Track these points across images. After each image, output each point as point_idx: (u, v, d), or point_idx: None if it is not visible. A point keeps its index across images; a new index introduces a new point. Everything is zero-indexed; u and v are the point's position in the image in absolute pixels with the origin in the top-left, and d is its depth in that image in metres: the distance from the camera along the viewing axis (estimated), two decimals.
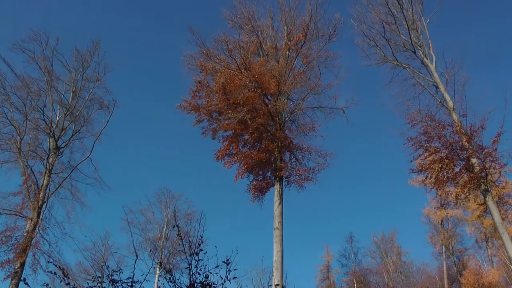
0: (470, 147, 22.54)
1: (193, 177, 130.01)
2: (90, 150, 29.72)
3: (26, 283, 7.57)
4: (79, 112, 30.85)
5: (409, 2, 28.00)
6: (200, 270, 8.85)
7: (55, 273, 8.15)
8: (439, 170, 23.23)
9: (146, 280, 8.71)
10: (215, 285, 8.73)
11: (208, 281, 8.69)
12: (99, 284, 8.57)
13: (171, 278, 8.71)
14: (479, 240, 65.23)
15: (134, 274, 8.53)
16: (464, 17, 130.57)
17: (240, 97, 23.47)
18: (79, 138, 30.84)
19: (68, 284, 8.09)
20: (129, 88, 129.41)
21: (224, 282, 8.77)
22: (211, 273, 8.71)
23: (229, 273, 8.80)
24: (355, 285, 52.36)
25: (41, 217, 26.93)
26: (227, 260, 8.85)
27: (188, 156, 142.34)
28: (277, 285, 9.94)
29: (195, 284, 8.67)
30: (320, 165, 25.60)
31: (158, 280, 38.93)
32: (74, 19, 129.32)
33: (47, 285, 7.65)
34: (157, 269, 38.34)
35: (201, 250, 9.13)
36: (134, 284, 8.53)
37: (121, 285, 8.42)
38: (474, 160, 22.46)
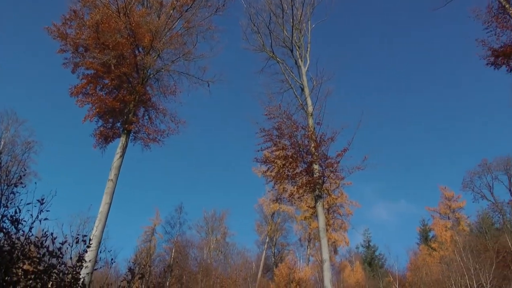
0: (315, 153, 23.44)
1: (45, 107, 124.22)
2: None
3: None
4: None
5: (301, 2, 28.44)
6: (12, 203, 8.45)
7: None
8: (282, 166, 23.92)
9: None
10: (25, 222, 8.37)
11: (17, 217, 8.29)
12: None
13: None
14: (303, 239, 69.30)
15: None
16: (346, 36, 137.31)
17: (111, 40, 22.73)
18: None
19: None
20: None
21: (34, 221, 8.43)
22: (20, 209, 8.34)
23: (40, 213, 8.47)
24: (173, 253, 52.93)
25: None
26: (42, 199, 8.50)
27: (46, 84, 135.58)
28: (87, 240, 9.59)
29: (3, 217, 8.25)
30: (170, 130, 25.99)
31: None
32: None
33: None
34: None
35: (21, 183, 8.72)
36: None
37: None
38: (315, 166, 23.39)
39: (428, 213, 74.60)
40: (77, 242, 9.11)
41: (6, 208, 8.30)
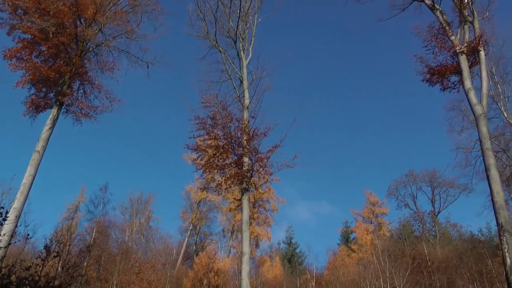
0: (247, 146, 23.62)
1: None
2: None
3: None
4: None
5: None
6: None
7: None
8: (213, 155, 23.91)
9: None
10: None
11: None
12: None
13: None
14: (226, 230, 69.26)
15: None
16: (290, 34, 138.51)
17: (52, 7, 22.17)
18: None
19: None
20: None
21: None
22: None
23: None
24: (94, 234, 51.76)
25: None
26: None
27: None
28: (4, 212, 9.27)
29: None
30: (104, 107, 25.75)
31: None
32: None
33: None
34: None
35: None
36: None
37: None
38: (245, 159, 23.59)
39: (352, 216, 76.54)
40: None
41: None
